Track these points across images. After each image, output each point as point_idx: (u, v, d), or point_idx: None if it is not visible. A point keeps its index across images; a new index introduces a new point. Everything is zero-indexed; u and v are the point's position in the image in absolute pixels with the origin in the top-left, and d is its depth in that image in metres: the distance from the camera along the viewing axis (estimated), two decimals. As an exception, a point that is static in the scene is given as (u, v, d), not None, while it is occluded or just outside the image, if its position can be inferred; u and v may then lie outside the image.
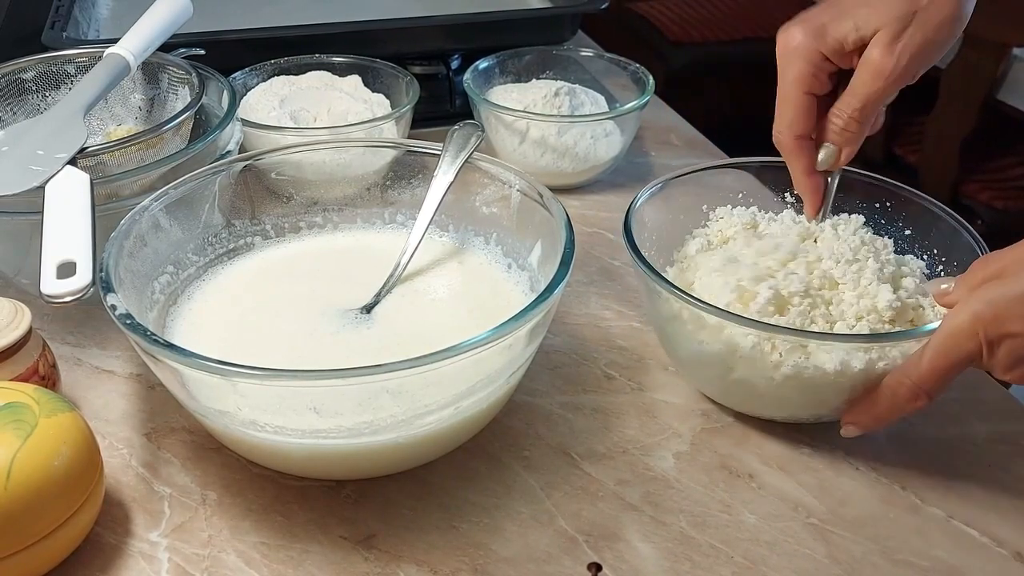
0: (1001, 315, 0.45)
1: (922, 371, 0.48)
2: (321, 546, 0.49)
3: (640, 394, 0.60)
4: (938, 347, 0.48)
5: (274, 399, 0.47)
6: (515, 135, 0.81)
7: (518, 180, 0.60)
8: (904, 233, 0.62)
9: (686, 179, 0.65)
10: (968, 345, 0.46)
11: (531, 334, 0.50)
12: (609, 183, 0.85)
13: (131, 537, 0.49)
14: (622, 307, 0.68)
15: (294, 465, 0.52)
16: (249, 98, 0.82)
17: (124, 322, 0.46)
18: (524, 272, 0.61)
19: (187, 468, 0.54)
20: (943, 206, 0.61)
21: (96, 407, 0.58)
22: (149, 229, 0.56)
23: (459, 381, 0.48)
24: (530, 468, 0.54)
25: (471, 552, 0.49)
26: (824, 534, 0.50)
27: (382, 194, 0.66)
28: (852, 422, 0.52)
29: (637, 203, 0.61)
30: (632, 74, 0.88)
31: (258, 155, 0.63)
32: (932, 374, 0.48)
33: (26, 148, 0.59)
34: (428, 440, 0.49)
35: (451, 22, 0.94)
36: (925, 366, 0.48)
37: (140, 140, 0.64)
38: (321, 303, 0.58)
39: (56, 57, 0.73)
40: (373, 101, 0.82)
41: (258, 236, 0.65)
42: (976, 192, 1.64)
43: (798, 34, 0.55)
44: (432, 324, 0.58)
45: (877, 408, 0.51)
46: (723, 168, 0.67)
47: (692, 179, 0.65)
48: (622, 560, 0.49)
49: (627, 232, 0.58)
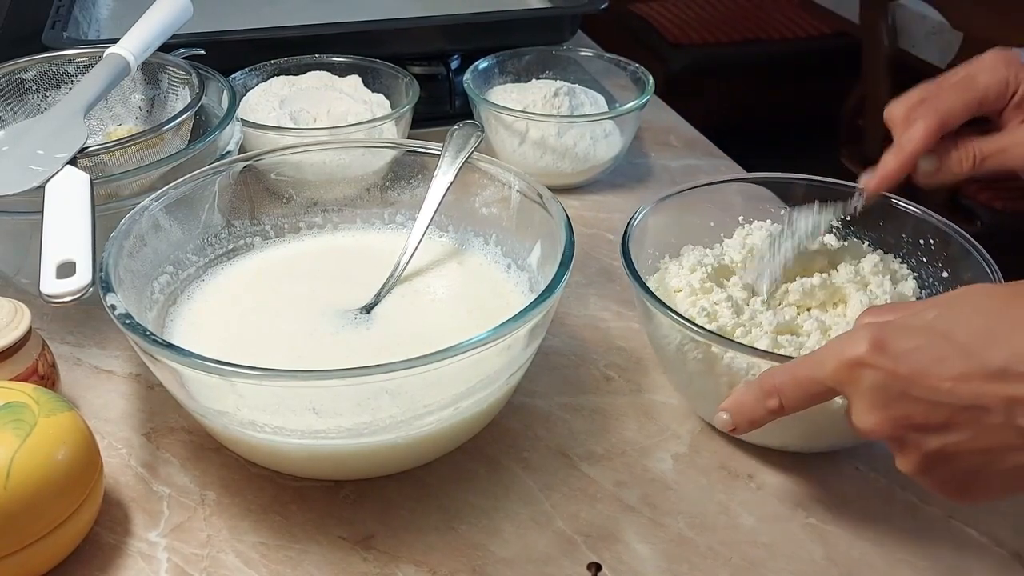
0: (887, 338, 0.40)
1: (786, 372, 0.45)
2: (320, 546, 0.49)
3: (639, 395, 0.60)
4: (809, 357, 0.44)
5: (273, 399, 0.47)
6: (515, 135, 0.81)
7: (518, 180, 0.60)
8: (942, 275, 0.60)
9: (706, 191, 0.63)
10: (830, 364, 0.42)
11: (530, 335, 0.50)
12: (609, 183, 0.85)
13: (130, 537, 0.49)
14: (621, 308, 0.68)
15: (293, 465, 0.52)
16: (249, 98, 0.82)
17: (123, 322, 0.46)
18: (524, 273, 0.61)
19: (186, 468, 0.54)
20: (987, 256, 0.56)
21: (95, 407, 0.58)
22: (149, 229, 0.56)
23: (458, 381, 0.48)
24: (529, 469, 0.54)
25: (470, 553, 0.49)
26: (823, 535, 0.50)
27: (382, 194, 0.66)
28: (724, 408, 0.48)
29: (635, 219, 0.59)
30: (632, 74, 0.88)
31: (258, 155, 0.63)
32: (792, 380, 0.44)
33: (26, 148, 0.59)
34: (427, 441, 0.49)
35: (451, 22, 0.94)
36: (789, 368, 0.45)
37: (140, 140, 0.64)
38: (321, 303, 0.58)
39: (56, 57, 0.74)
40: (373, 101, 0.82)
41: (258, 236, 0.65)
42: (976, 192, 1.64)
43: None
44: (432, 324, 0.58)
45: (745, 395, 0.47)
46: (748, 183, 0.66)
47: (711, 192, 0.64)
48: (620, 561, 0.49)
49: (625, 251, 0.56)
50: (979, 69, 0.54)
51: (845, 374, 0.41)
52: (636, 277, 0.54)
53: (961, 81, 0.54)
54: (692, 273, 0.58)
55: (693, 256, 0.61)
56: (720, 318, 0.55)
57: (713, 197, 0.64)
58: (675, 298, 0.57)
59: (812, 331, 0.54)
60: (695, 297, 0.56)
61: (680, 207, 0.63)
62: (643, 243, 0.60)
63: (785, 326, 0.54)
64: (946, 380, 0.39)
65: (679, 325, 0.51)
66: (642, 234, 0.60)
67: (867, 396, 0.41)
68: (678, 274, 0.59)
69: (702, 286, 0.57)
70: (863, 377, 0.41)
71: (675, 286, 0.58)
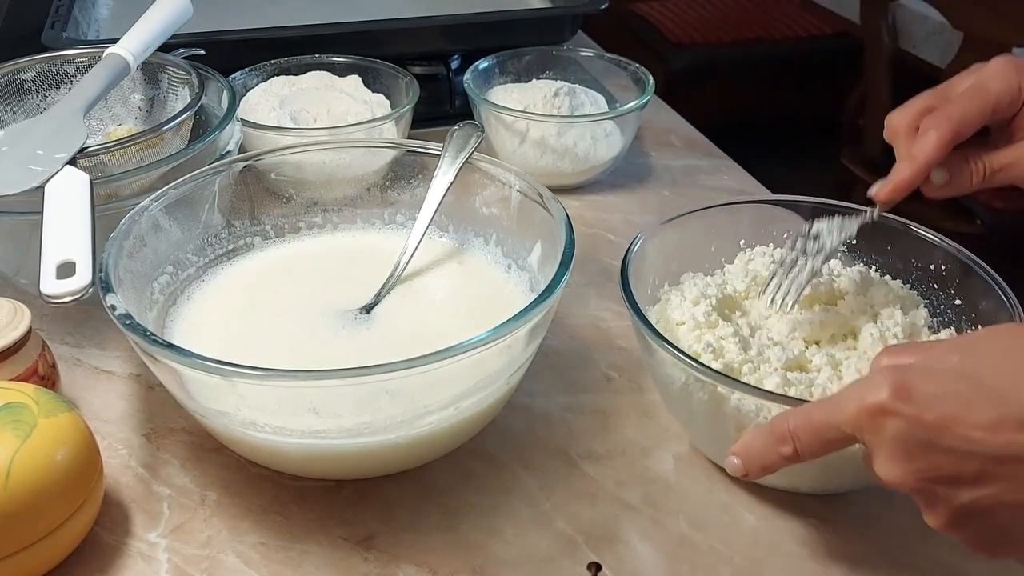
0: (910, 383, 0.38)
1: (800, 416, 0.42)
2: (320, 546, 0.49)
3: (639, 395, 0.60)
4: (826, 402, 0.42)
5: (273, 399, 0.47)
6: (515, 135, 0.81)
7: (518, 180, 0.60)
8: (954, 303, 0.57)
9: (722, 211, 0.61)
10: (849, 409, 0.40)
11: (531, 334, 0.50)
12: (609, 183, 0.85)
13: (130, 537, 0.49)
14: (621, 308, 0.68)
15: (293, 465, 0.52)
16: (249, 98, 0.82)
17: (123, 322, 0.46)
18: (524, 272, 0.61)
19: (186, 468, 0.54)
20: (1003, 285, 0.54)
21: (95, 407, 0.58)
22: (149, 229, 0.56)
23: (459, 381, 0.48)
24: (529, 469, 0.54)
25: (470, 553, 0.49)
26: (824, 535, 0.50)
27: (382, 194, 0.66)
28: (735, 452, 0.45)
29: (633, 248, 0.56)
30: (632, 74, 0.88)
31: (258, 155, 0.63)
32: (807, 425, 0.42)
33: (26, 148, 0.59)
34: (427, 441, 0.49)
35: (451, 22, 0.94)
36: (804, 413, 0.42)
37: (140, 140, 0.64)
38: (321, 303, 0.58)
39: (56, 57, 0.73)
40: (373, 101, 0.82)
41: (258, 236, 0.65)
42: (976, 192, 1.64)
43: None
44: (432, 324, 0.58)
45: (756, 439, 0.44)
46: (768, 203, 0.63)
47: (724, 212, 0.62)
48: (621, 561, 0.48)
49: (624, 281, 0.54)
50: (989, 76, 0.51)
51: (866, 421, 0.39)
52: (636, 310, 0.52)
53: (972, 89, 0.52)
54: (696, 306, 0.55)
55: (695, 287, 0.58)
56: (727, 354, 0.52)
57: (713, 220, 0.62)
58: (678, 332, 0.54)
59: (822, 366, 0.52)
60: (699, 332, 0.54)
61: (679, 232, 0.60)
62: (642, 271, 0.57)
63: (794, 361, 0.52)
64: (977, 428, 0.36)
65: (683, 364, 0.49)
66: (640, 262, 0.57)
67: (891, 445, 0.38)
68: (680, 306, 0.56)
69: (707, 320, 0.54)
70: (886, 425, 0.38)
71: (678, 319, 0.55)
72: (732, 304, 0.58)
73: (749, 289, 0.58)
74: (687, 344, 0.53)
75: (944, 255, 0.57)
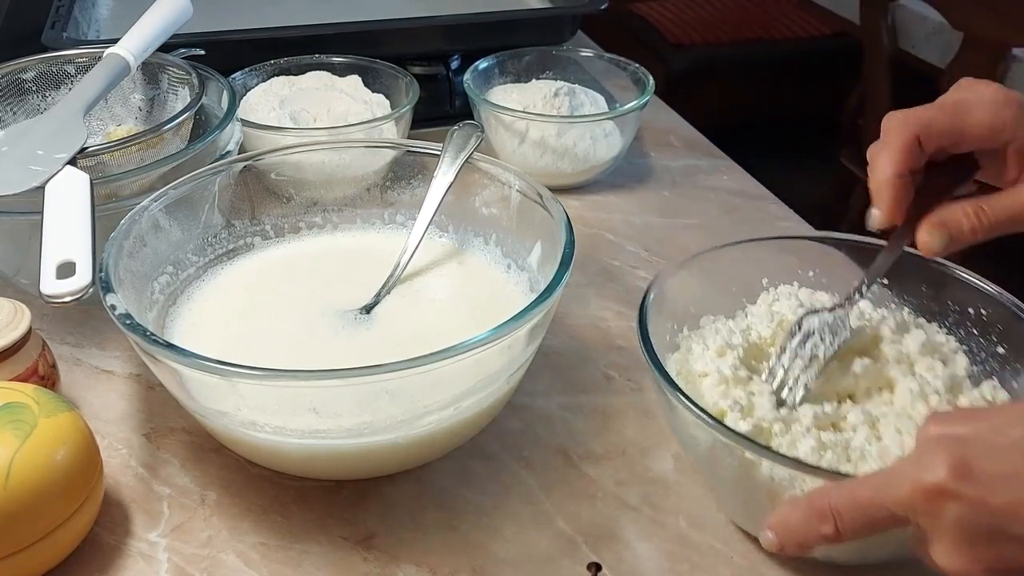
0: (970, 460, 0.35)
1: (844, 493, 0.39)
2: (320, 546, 0.49)
3: (639, 395, 0.60)
4: (873, 478, 0.39)
5: (273, 399, 0.47)
6: (515, 135, 0.81)
7: (518, 180, 0.60)
8: (996, 351, 0.52)
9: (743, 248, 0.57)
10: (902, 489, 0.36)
11: (531, 334, 0.50)
12: (609, 184, 0.85)
13: (130, 537, 0.49)
14: (621, 308, 0.68)
15: (293, 465, 0.52)
16: (249, 98, 0.82)
17: (124, 322, 0.46)
18: (524, 272, 0.61)
19: (186, 468, 0.54)
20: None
21: (95, 407, 0.58)
22: (149, 229, 0.56)
23: (459, 381, 0.48)
24: (529, 469, 0.54)
25: (470, 552, 0.49)
26: (823, 535, 0.50)
27: (382, 194, 0.66)
28: (771, 527, 0.42)
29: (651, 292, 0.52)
30: (632, 74, 0.88)
31: (258, 155, 0.63)
32: (852, 503, 0.38)
33: (26, 148, 0.59)
34: (427, 441, 0.49)
35: (451, 22, 0.94)
36: (848, 489, 0.39)
37: (140, 140, 0.64)
38: (321, 303, 0.58)
39: (56, 57, 0.74)
40: (373, 101, 0.82)
41: (258, 236, 0.65)
42: (976, 192, 1.64)
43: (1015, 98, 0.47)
44: (432, 324, 0.58)
45: (793, 514, 0.41)
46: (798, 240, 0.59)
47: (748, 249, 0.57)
48: (621, 561, 0.48)
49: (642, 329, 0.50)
50: (976, 99, 0.47)
51: (922, 503, 0.35)
52: (656, 363, 0.47)
53: (951, 104, 0.48)
54: (721, 357, 0.51)
55: (719, 334, 0.53)
56: (757, 410, 0.48)
57: (732, 258, 0.57)
58: (701, 385, 0.50)
59: (858, 425, 0.47)
60: (725, 387, 0.49)
61: (697, 272, 0.56)
62: (659, 316, 0.53)
63: (827, 419, 0.48)
64: None
65: (708, 426, 0.44)
66: (658, 306, 0.53)
67: (952, 532, 0.35)
68: (703, 356, 0.52)
69: (734, 374, 0.50)
70: (946, 509, 0.34)
71: (701, 370, 0.51)
72: (759, 353, 0.53)
73: (775, 335, 0.53)
74: (712, 401, 0.49)
75: (983, 298, 0.53)
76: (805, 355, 0.50)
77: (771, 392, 0.49)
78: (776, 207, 0.83)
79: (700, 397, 0.49)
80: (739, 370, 0.50)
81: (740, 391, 0.49)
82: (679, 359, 0.53)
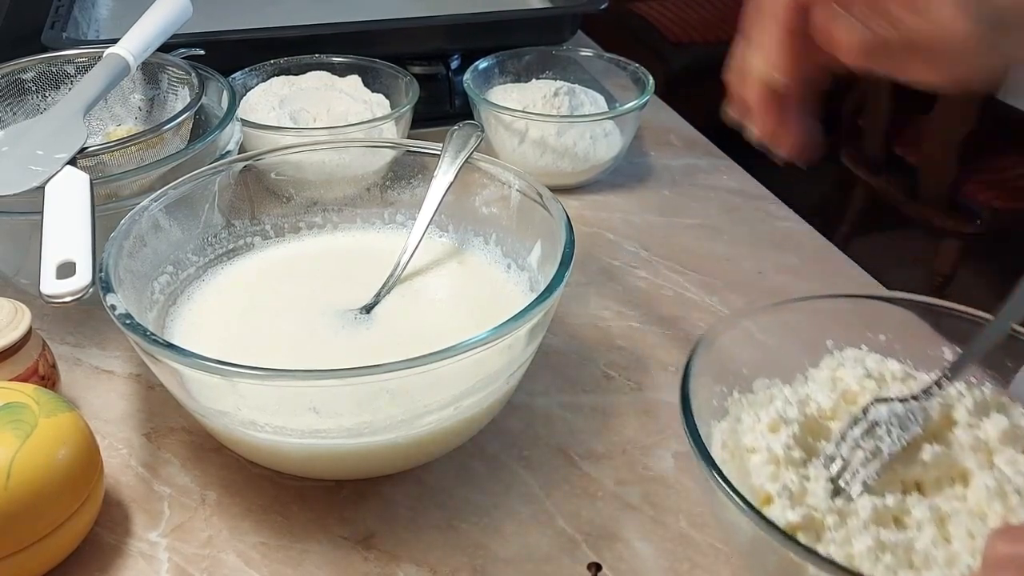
0: None
1: None
2: (320, 546, 0.49)
3: (639, 394, 0.60)
4: None
5: (274, 399, 0.47)
6: (515, 135, 0.81)
7: (518, 180, 0.60)
8: None
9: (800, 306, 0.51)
10: None
11: (531, 334, 0.50)
12: (609, 183, 0.85)
13: (131, 537, 0.49)
14: (621, 307, 0.68)
15: (294, 465, 0.52)
16: (249, 98, 0.82)
17: (124, 322, 0.46)
18: (524, 272, 0.61)
19: (187, 468, 0.54)
20: None
21: (96, 407, 0.58)
22: (149, 229, 0.56)
23: (459, 381, 0.48)
24: (529, 468, 0.54)
25: (470, 552, 0.49)
26: (823, 534, 0.50)
27: (382, 194, 0.66)
28: None
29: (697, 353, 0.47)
30: (632, 74, 0.88)
31: (258, 155, 0.63)
32: None
33: (26, 148, 0.59)
34: (427, 440, 0.49)
35: (451, 22, 0.94)
36: None
37: (140, 140, 0.64)
38: (321, 303, 0.58)
39: (56, 57, 0.74)
40: (373, 101, 0.82)
41: (258, 236, 0.65)
42: (976, 192, 1.64)
43: None
44: (432, 324, 0.58)
45: None
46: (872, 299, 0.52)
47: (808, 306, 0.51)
48: (621, 560, 0.49)
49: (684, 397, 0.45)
50: None
51: None
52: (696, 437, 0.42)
53: None
54: (774, 433, 0.46)
55: (773, 405, 0.48)
56: (810, 498, 0.43)
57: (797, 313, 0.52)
58: (750, 462, 0.45)
59: (924, 523, 0.42)
60: (776, 468, 0.44)
61: (757, 326, 0.51)
62: (708, 374, 0.48)
63: (888, 513, 0.43)
64: None
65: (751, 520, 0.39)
66: (708, 364, 0.47)
67: None
68: (754, 429, 0.47)
69: (787, 455, 0.44)
70: None
71: (750, 444, 0.46)
72: (816, 429, 0.48)
73: (837, 408, 0.48)
74: (758, 483, 0.44)
75: None
76: (868, 448, 0.45)
77: (827, 479, 0.44)
78: (776, 207, 0.83)
79: (746, 476, 0.44)
80: (793, 450, 0.45)
81: (792, 474, 0.44)
82: (726, 429, 0.48)
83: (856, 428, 0.45)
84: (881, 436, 0.45)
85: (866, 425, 0.45)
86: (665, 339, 0.65)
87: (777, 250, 0.76)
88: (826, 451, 0.46)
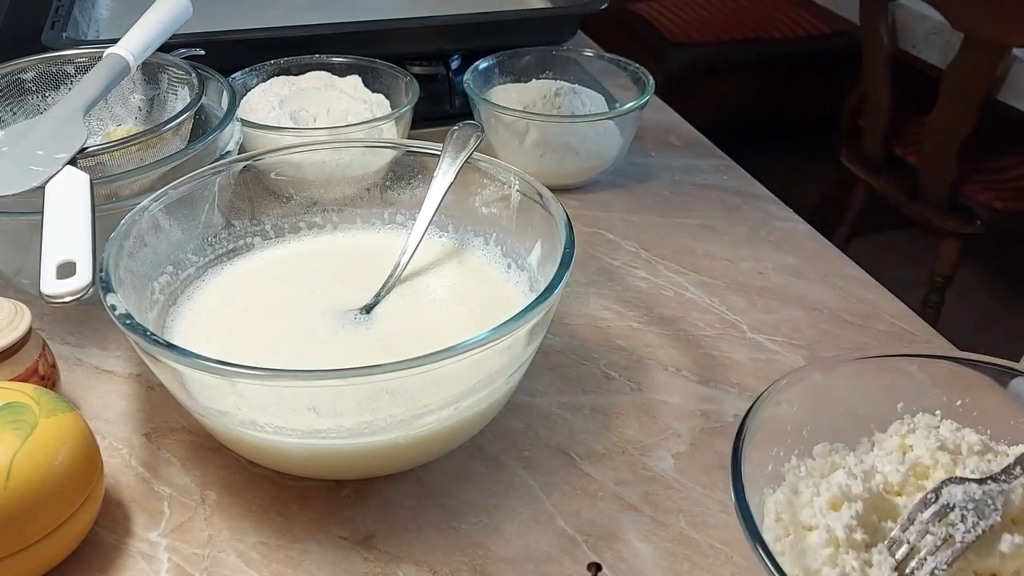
0: None
1: None
2: (320, 546, 0.49)
3: (639, 394, 0.60)
4: None
5: (274, 399, 0.47)
6: (515, 135, 0.81)
7: (518, 180, 0.60)
8: None
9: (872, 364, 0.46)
10: None
11: (531, 334, 0.50)
12: (609, 183, 0.85)
13: (131, 537, 0.49)
14: (621, 307, 0.68)
15: (294, 465, 0.52)
16: (249, 98, 0.82)
17: (124, 322, 0.46)
18: (524, 272, 0.61)
19: (187, 468, 0.54)
20: None
21: (96, 407, 0.58)
22: (149, 229, 0.56)
23: (459, 381, 0.48)
24: (529, 468, 0.54)
25: (470, 552, 0.49)
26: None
27: (382, 194, 0.66)
28: None
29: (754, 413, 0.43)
30: (632, 74, 0.88)
31: (258, 155, 0.63)
32: None
33: (26, 148, 0.59)
34: (427, 440, 0.49)
35: (451, 22, 0.94)
36: None
37: (140, 140, 0.64)
38: (321, 303, 0.58)
39: (56, 57, 0.73)
40: (373, 101, 0.82)
41: (258, 236, 0.65)
42: (976, 192, 1.64)
43: None
44: (432, 324, 0.58)
45: None
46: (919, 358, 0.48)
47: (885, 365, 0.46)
48: (621, 560, 0.49)
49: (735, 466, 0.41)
50: None
51: None
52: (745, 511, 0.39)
53: None
54: (834, 511, 0.42)
55: (836, 477, 0.43)
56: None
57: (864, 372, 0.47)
58: (806, 540, 0.41)
59: None
60: (835, 550, 0.40)
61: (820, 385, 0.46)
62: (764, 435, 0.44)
63: None
64: None
65: None
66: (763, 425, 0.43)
67: None
68: (812, 504, 0.42)
69: (848, 536, 0.40)
70: None
71: (807, 521, 0.42)
72: (882, 506, 0.43)
73: (906, 483, 0.44)
74: (816, 566, 0.40)
75: None
76: (939, 534, 0.41)
77: (892, 568, 0.40)
78: (776, 207, 0.83)
79: (802, 556, 0.41)
80: (855, 532, 0.41)
81: (853, 559, 0.40)
82: (781, 500, 0.44)
83: (927, 511, 0.41)
84: (954, 522, 0.41)
85: (938, 508, 0.41)
86: (665, 339, 0.65)
87: (777, 250, 0.76)
88: (892, 534, 0.42)
